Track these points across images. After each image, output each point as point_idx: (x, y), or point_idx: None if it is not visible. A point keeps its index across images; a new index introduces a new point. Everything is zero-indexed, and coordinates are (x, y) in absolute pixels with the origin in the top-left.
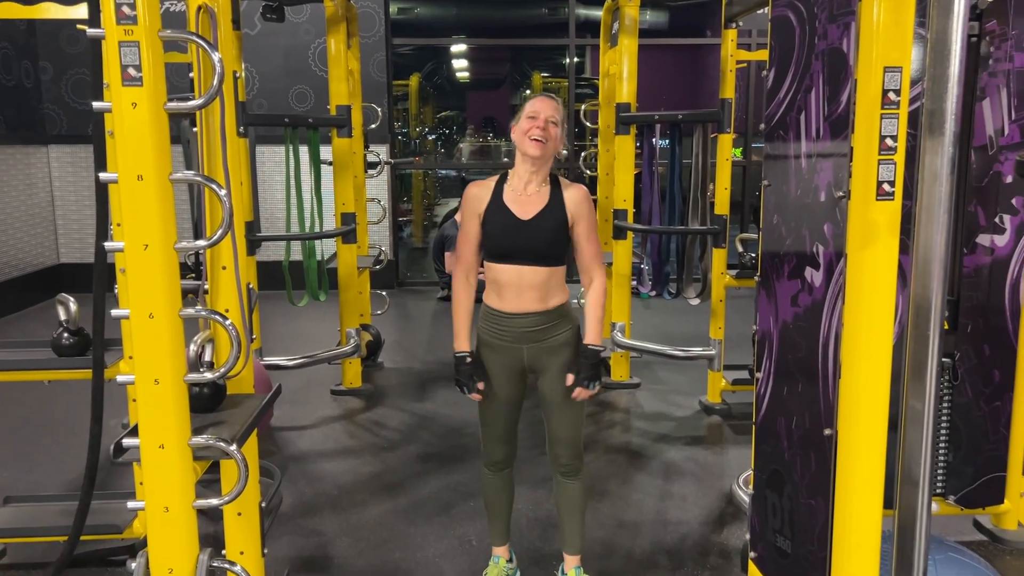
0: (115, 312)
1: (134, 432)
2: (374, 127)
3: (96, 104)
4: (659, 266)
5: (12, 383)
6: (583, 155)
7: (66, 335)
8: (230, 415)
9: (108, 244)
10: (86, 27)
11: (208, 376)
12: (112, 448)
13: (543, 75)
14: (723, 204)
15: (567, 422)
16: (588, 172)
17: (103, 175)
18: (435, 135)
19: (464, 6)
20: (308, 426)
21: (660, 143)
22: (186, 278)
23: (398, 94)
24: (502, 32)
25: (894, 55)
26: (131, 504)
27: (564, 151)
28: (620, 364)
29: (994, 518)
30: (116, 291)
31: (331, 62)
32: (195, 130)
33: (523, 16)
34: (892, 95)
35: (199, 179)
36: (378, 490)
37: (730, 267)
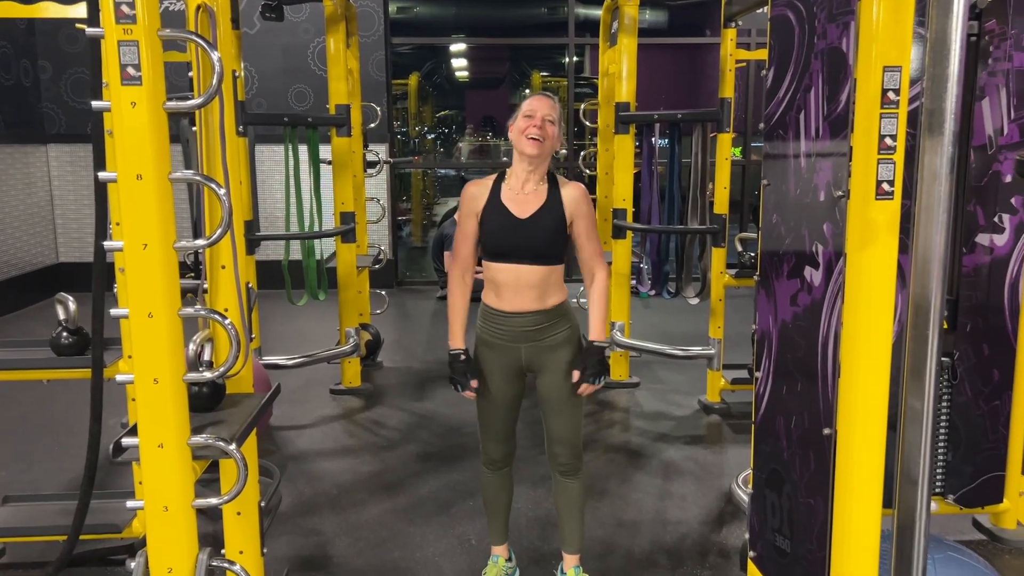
0: (114, 311)
1: (133, 431)
2: (373, 126)
3: (95, 103)
4: (658, 265)
5: (11, 382)
6: (582, 154)
7: (65, 334)
8: (229, 414)
9: (107, 243)
10: (85, 26)
11: (207, 375)
12: (111, 447)
13: (542, 74)
14: (722, 203)
15: (566, 421)
16: (587, 171)
17: (102, 174)
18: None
19: (463, 5)
20: (307, 425)
21: (659, 142)
22: (185, 277)
23: (397, 93)
24: (501, 31)
25: (893, 54)
26: (130, 503)
27: (563, 150)
28: (619, 363)
29: (993, 517)
30: (115, 290)
31: (330, 61)
32: (194, 129)
33: (522, 15)
34: (891, 94)
35: (198, 178)
36: (377, 489)
37: (729, 266)
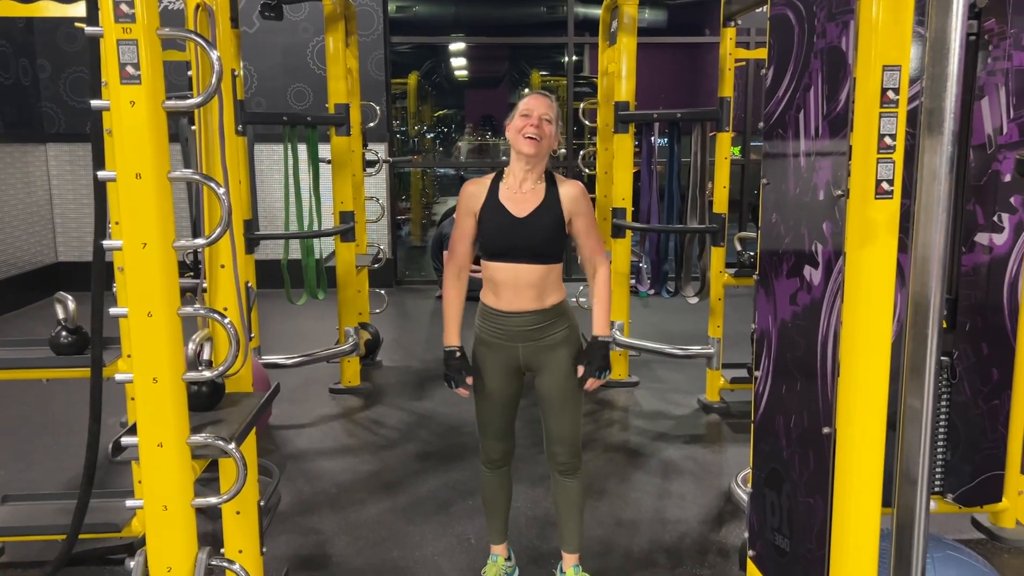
0: (113, 310)
1: (132, 430)
2: (372, 125)
3: (94, 102)
4: (658, 265)
5: (10, 381)
6: (582, 154)
7: (64, 333)
8: (229, 413)
9: (107, 242)
10: (84, 25)
11: (207, 374)
12: (111, 446)
13: (542, 73)
14: (722, 203)
15: (565, 420)
16: (587, 170)
17: (101, 173)
18: (433, 133)
19: (463, 4)
20: (306, 424)
21: (659, 142)
22: (185, 276)
23: (396, 92)
24: (501, 30)
25: (893, 53)
26: (129, 502)
27: (563, 149)
28: (619, 362)
29: (992, 516)
30: (115, 289)
31: (329, 60)
32: (193, 128)
33: (522, 14)
34: (891, 94)
35: (197, 177)
36: (377, 488)
37: (729, 266)
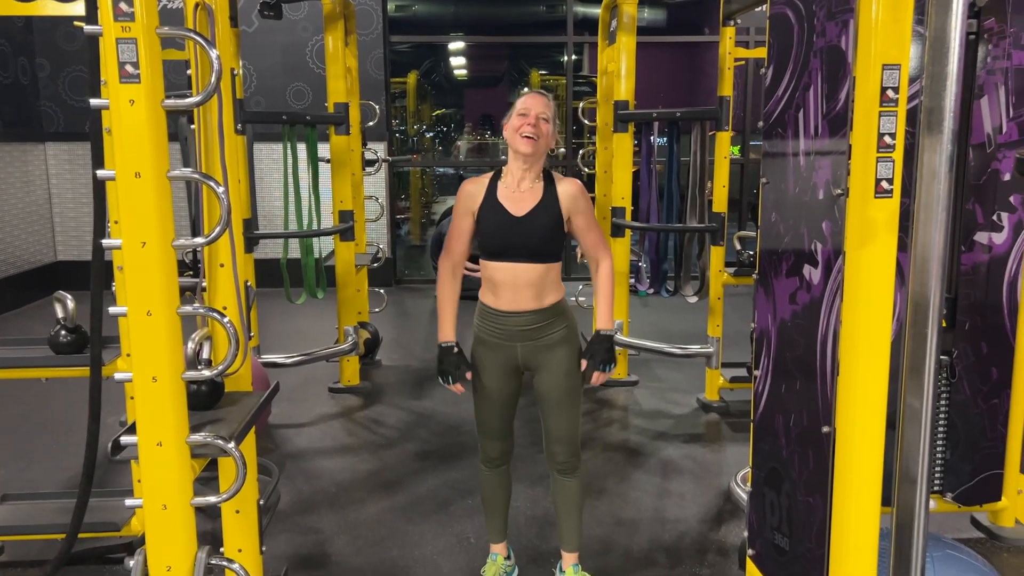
0: (113, 309)
1: (132, 429)
2: (372, 125)
3: (93, 101)
4: (657, 264)
5: (10, 380)
6: (581, 153)
7: (64, 332)
8: (228, 413)
9: (106, 241)
10: (83, 24)
11: (206, 374)
12: (110, 445)
13: (541, 73)
14: (721, 202)
15: (563, 420)
16: (586, 170)
17: (101, 172)
18: (433, 133)
19: (462, 3)
20: (306, 424)
21: (658, 141)
22: (184, 276)
23: (396, 92)
24: (500, 30)
25: (892, 52)
26: (129, 502)
27: (562, 149)
28: (618, 362)
29: (991, 515)
30: (114, 288)
31: (329, 59)
32: (193, 127)
33: (521, 13)
34: (890, 93)
35: (197, 176)
36: (376, 488)
37: (728, 265)
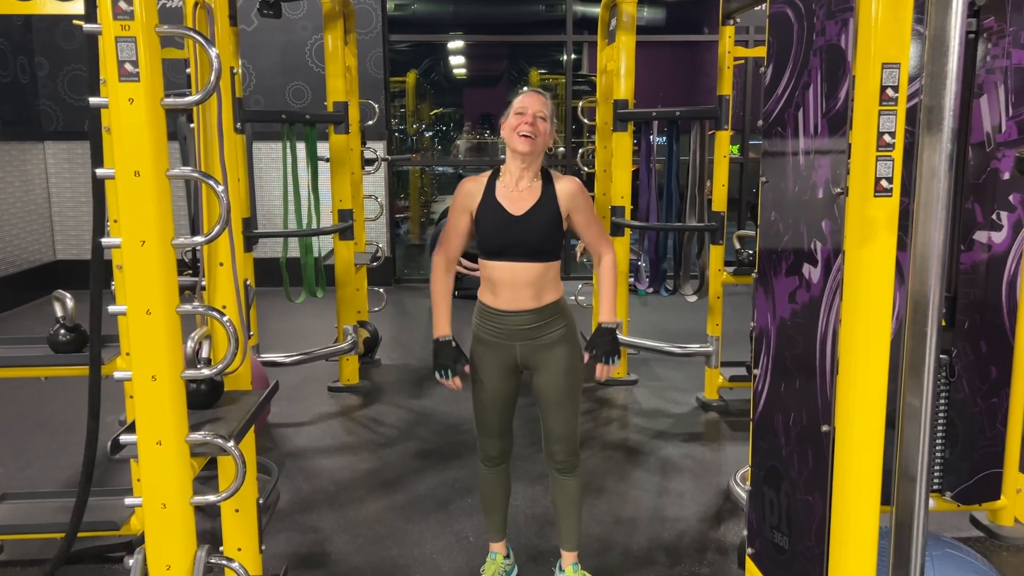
0: (112, 308)
1: (131, 428)
2: (371, 124)
3: (93, 100)
4: (656, 263)
5: (9, 379)
6: (581, 152)
7: (63, 331)
8: (227, 411)
9: (105, 240)
10: (82, 22)
11: (205, 372)
12: (109, 444)
13: (540, 72)
14: (720, 201)
15: (562, 419)
16: (586, 169)
17: (100, 171)
18: (432, 132)
19: (461, 2)
20: (305, 423)
21: (658, 140)
22: (183, 274)
23: (395, 91)
24: (499, 28)
25: (892, 51)
26: (128, 500)
27: (561, 148)
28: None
29: (990, 514)
30: (113, 287)
31: (328, 58)
32: (192, 126)
33: (520, 12)
34: (890, 91)
35: (196, 175)
36: (375, 486)
37: (727, 264)
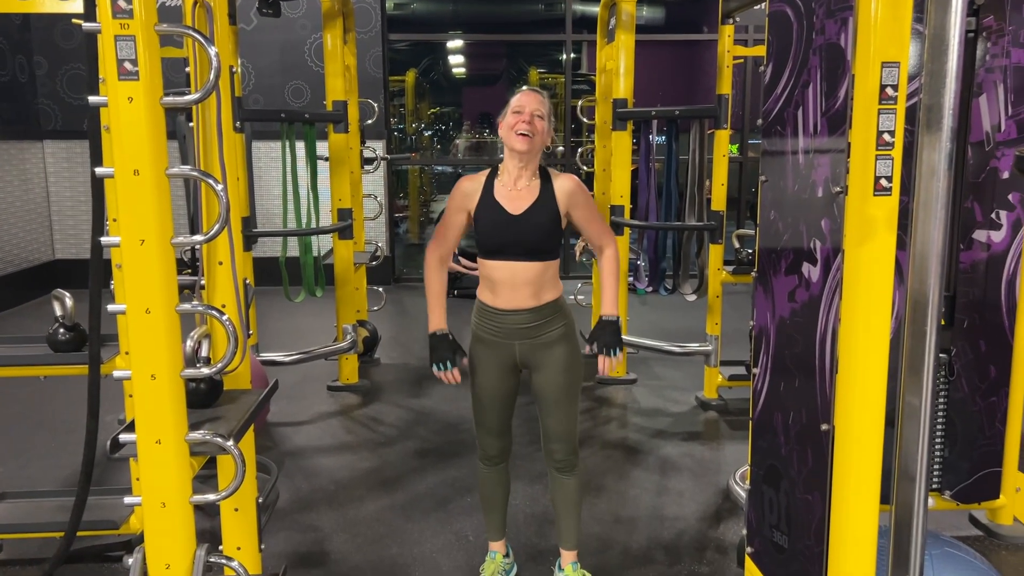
0: (111, 307)
1: (131, 427)
2: (370, 123)
3: (92, 98)
4: (655, 262)
5: (8, 379)
6: (580, 151)
7: (62, 331)
8: (227, 411)
9: (104, 239)
10: (81, 21)
11: (205, 372)
12: (109, 443)
13: (540, 71)
14: (720, 200)
15: (561, 418)
16: (585, 168)
17: (99, 170)
18: (431, 131)
19: (461, 1)
20: (305, 422)
21: (657, 139)
22: (183, 274)
23: (395, 90)
24: (499, 28)
25: (892, 50)
26: (128, 500)
27: (560, 147)
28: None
29: (990, 513)
30: (112, 286)
31: (327, 57)
32: (191, 125)
33: (520, 12)
34: (890, 90)
35: (196, 174)
36: (375, 486)
37: (727, 263)
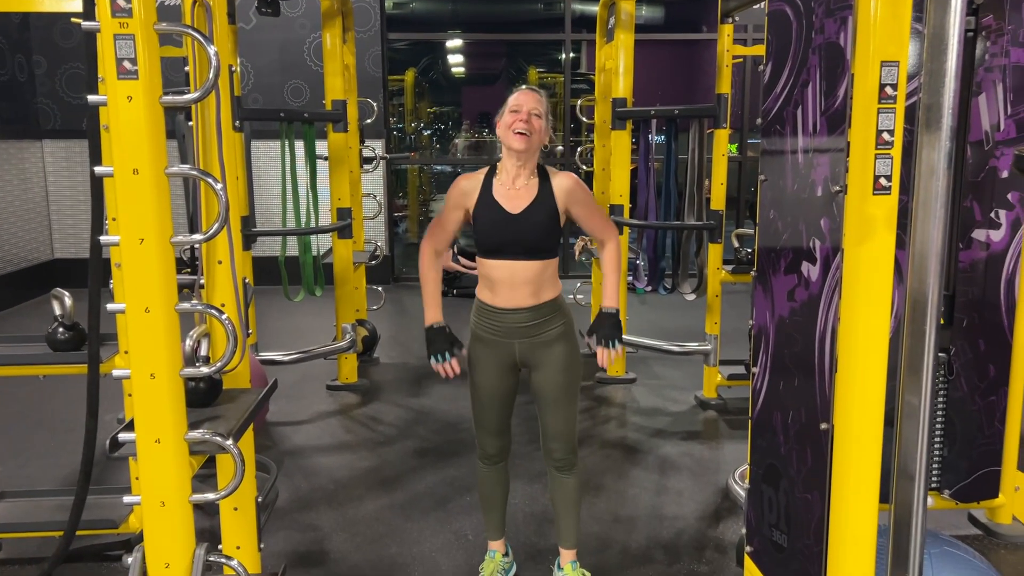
0: (111, 306)
1: (130, 427)
2: (370, 122)
3: (91, 98)
4: (655, 261)
5: (7, 378)
6: (579, 150)
7: (61, 330)
8: (226, 410)
9: (104, 238)
10: (80, 20)
11: (204, 371)
12: (108, 443)
13: (539, 70)
14: (719, 199)
15: (560, 416)
16: (584, 167)
17: (98, 169)
18: (431, 130)
19: (460, 1)
20: (304, 421)
21: (656, 139)
22: (182, 273)
23: (394, 89)
24: (498, 27)
25: (891, 49)
26: (127, 499)
27: (560, 147)
28: (616, 359)
29: (989, 512)
30: (111, 286)
31: (327, 57)
32: (190, 124)
33: (519, 11)
34: (889, 89)
35: (195, 173)
36: (374, 485)
37: (726, 262)
